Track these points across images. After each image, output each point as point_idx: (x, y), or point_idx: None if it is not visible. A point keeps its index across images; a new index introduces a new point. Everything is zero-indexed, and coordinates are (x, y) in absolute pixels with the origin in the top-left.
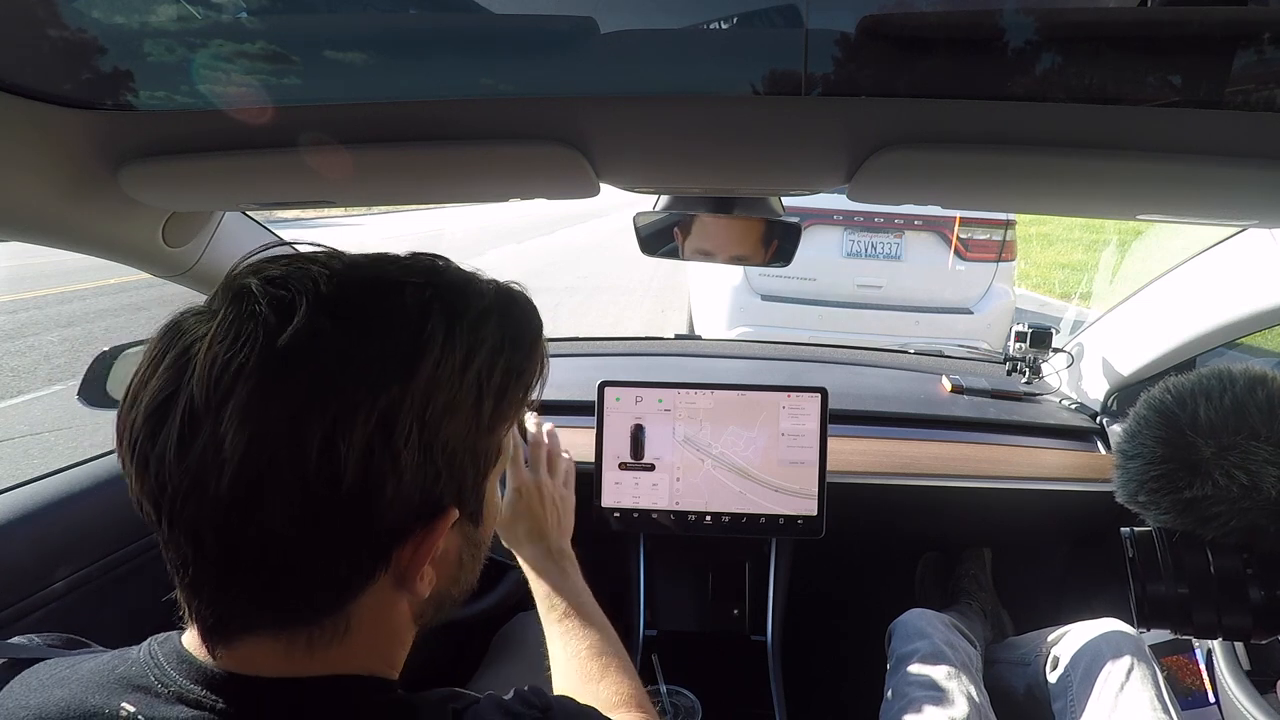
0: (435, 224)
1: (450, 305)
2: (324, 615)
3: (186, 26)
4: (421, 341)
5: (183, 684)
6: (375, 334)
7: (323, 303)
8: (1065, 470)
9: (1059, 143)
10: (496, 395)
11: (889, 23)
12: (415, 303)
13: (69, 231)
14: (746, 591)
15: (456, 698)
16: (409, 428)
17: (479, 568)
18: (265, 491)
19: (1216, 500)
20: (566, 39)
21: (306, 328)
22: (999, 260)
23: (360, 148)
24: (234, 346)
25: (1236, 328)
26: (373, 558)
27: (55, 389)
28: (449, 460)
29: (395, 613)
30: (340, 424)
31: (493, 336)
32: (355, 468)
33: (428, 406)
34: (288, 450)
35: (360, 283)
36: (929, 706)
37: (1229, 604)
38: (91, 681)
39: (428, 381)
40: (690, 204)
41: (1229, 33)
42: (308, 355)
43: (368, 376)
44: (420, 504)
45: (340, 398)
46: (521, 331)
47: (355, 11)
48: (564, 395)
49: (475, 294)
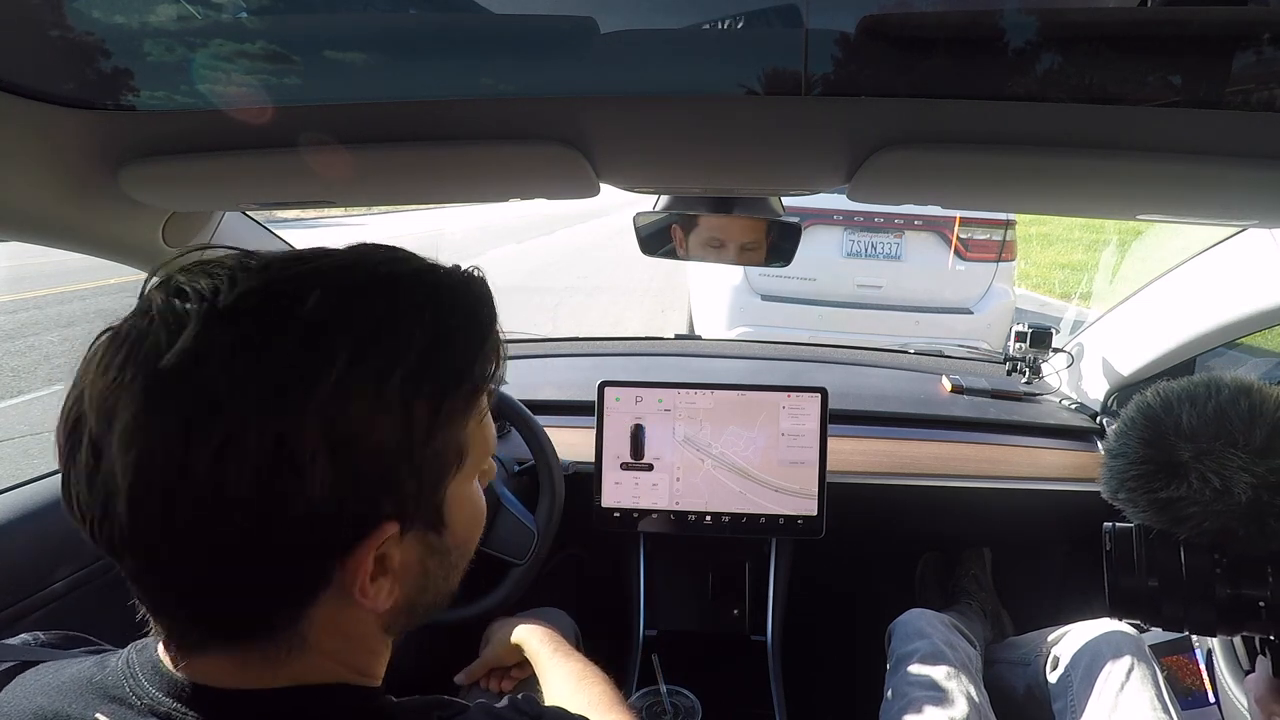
0: (435, 224)
1: (365, 310)
2: (274, 631)
3: (187, 26)
4: (321, 356)
5: (155, 696)
6: (269, 348)
7: (216, 317)
8: (1065, 470)
9: (1059, 143)
10: (432, 400)
11: (889, 23)
12: (320, 310)
13: (69, 231)
14: (746, 591)
15: (444, 705)
16: (311, 446)
17: (455, 574)
18: (163, 517)
19: (1190, 502)
20: (566, 39)
21: (192, 347)
22: (999, 260)
23: (360, 148)
24: (122, 368)
25: (1236, 328)
26: (305, 575)
27: (55, 389)
28: (377, 474)
29: (356, 624)
30: (229, 447)
31: (423, 338)
32: (252, 490)
33: (334, 422)
34: (176, 476)
35: (263, 290)
36: (929, 706)
37: (1196, 599)
38: (71, 689)
39: (331, 396)
40: (690, 204)
41: (1229, 33)
42: (191, 376)
43: (257, 397)
44: (343, 520)
45: (227, 420)
46: (462, 328)
47: (355, 11)
48: (564, 395)
49: (403, 292)
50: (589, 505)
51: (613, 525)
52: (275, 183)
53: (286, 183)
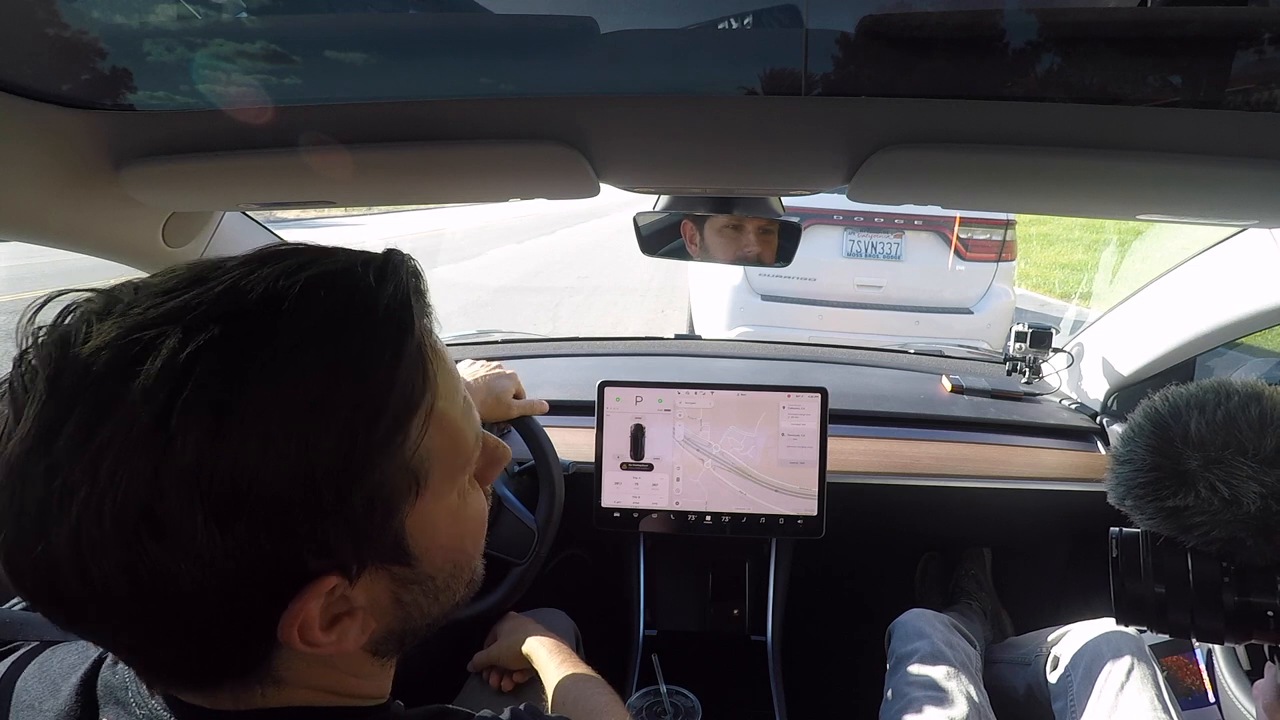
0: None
1: (232, 353)
2: (242, 676)
3: (187, 26)
4: (176, 419)
5: (153, 708)
6: (114, 421)
7: (54, 391)
8: (1065, 470)
9: (1059, 143)
10: (344, 442)
11: (889, 23)
12: (171, 369)
13: (69, 231)
14: (746, 591)
15: (447, 715)
16: (189, 514)
17: (448, 594)
18: (57, 599)
19: (1198, 511)
20: (566, 39)
21: (33, 429)
22: (999, 260)
23: (360, 148)
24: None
25: (1236, 328)
26: (248, 633)
27: None
28: (284, 531)
29: (330, 661)
30: (84, 538)
31: (309, 382)
32: (124, 577)
33: (211, 485)
34: (43, 564)
35: (115, 345)
36: (929, 707)
37: (1202, 607)
38: (87, 682)
39: (198, 461)
40: (690, 204)
41: (1229, 33)
42: (35, 464)
43: (105, 476)
44: (263, 578)
45: (77, 509)
46: (358, 363)
47: (355, 11)
48: (564, 395)
49: (285, 320)
50: (589, 505)
51: (613, 525)
52: (275, 183)
53: (286, 183)
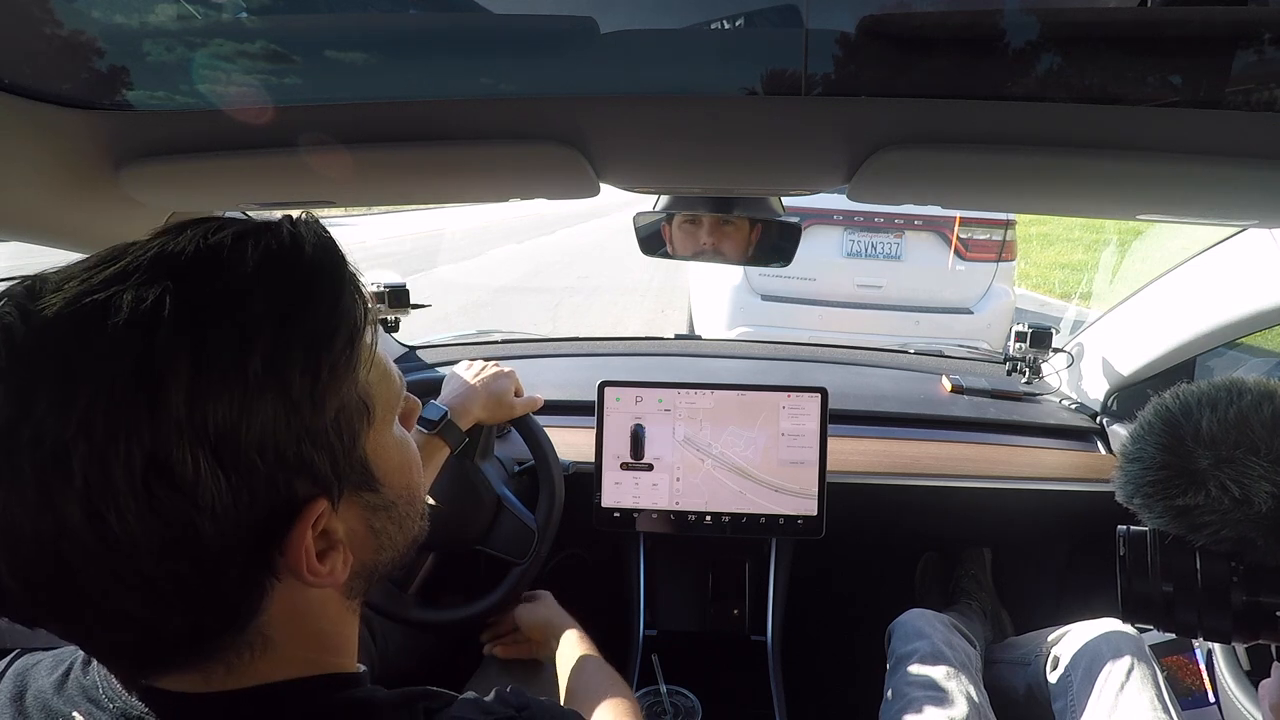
0: (435, 224)
1: (190, 298)
2: (235, 641)
3: (187, 26)
4: (159, 363)
5: (127, 700)
6: (94, 377)
7: (17, 360)
8: (1065, 470)
9: (1059, 143)
10: (308, 372)
11: (889, 23)
12: (136, 318)
13: (69, 231)
14: (746, 591)
15: (429, 696)
16: (191, 457)
17: (410, 524)
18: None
19: (1208, 510)
20: (566, 39)
21: (6, 401)
22: (999, 260)
23: (360, 148)
24: None
25: (1236, 328)
26: (246, 579)
27: None
28: (275, 459)
29: (316, 603)
30: (94, 490)
31: (265, 315)
32: (144, 527)
33: (205, 425)
34: (51, 529)
35: (62, 318)
36: (929, 707)
37: (1211, 606)
38: (60, 682)
39: (189, 399)
40: (690, 204)
41: (1229, 33)
42: (17, 434)
43: (102, 430)
44: (259, 516)
45: (80, 467)
46: (303, 294)
47: (355, 11)
48: (564, 395)
49: (230, 267)
50: (589, 505)
51: (613, 525)
52: (275, 183)
53: (286, 183)
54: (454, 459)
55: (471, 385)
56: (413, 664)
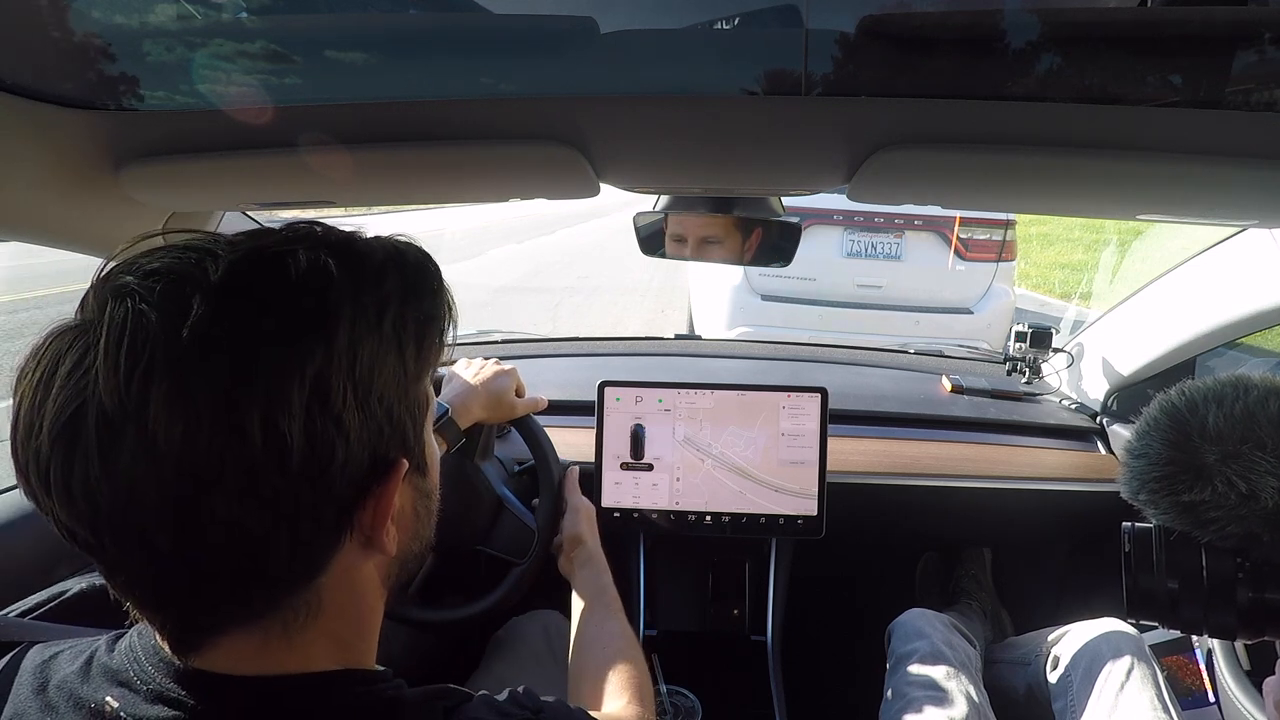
0: (435, 224)
1: (347, 264)
2: (294, 595)
3: (187, 26)
4: (331, 303)
5: (161, 682)
6: (281, 305)
7: (216, 288)
8: (1065, 470)
9: (1059, 143)
10: (416, 342)
11: (889, 23)
12: (312, 267)
13: (69, 231)
14: (746, 591)
15: (448, 695)
16: (343, 389)
17: (434, 520)
18: (212, 482)
19: (1214, 506)
20: (566, 39)
21: (209, 314)
22: (999, 260)
23: (360, 148)
24: (137, 349)
25: (1236, 328)
26: (336, 526)
27: None
28: (388, 413)
29: (363, 579)
30: (275, 401)
31: (396, 288)
32: (300, 441)
33: (355, 365)
34: (226, 437)
35: (247, 259)
36: (929, 707)
37: (1216, 603)
38: (85, 669)
39: (349, 340)
40: (690, 204)
41: (1229, 33)
42: (219, 339)
43: (288, 348)
44: (371, 462)
45: (266, 375)
46: (422, 280)
47: (355, 11)
48: (564, 395)
49: (366, 251)
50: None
51: (613, 525)
52: (275, 183)
53: (286, 183)
54: (454, 459)
55: (472, 384)
56: (413, 663)
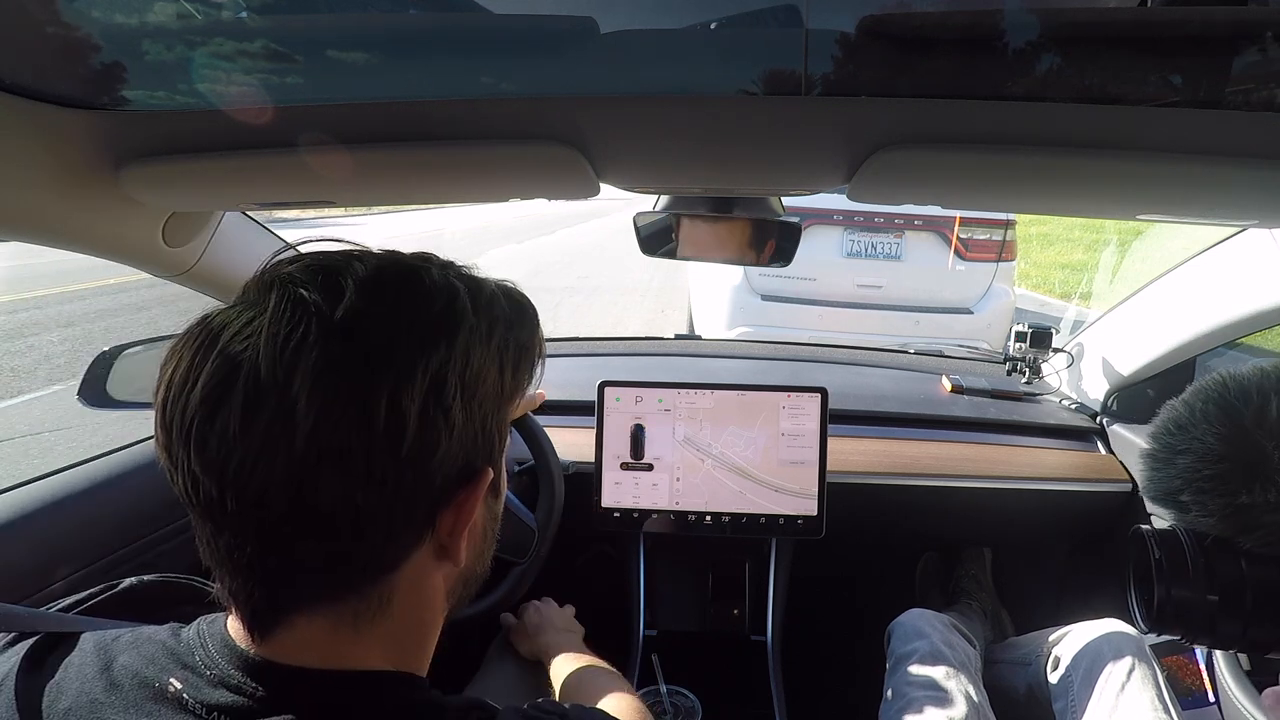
0: (435, 224)
1: (468, 285)
2: (372, 584)
3: (186, 26)
4: (456, 310)
5: (225, 668)
6: (416, 305)
7: (365, 282)
8: (1065, 470)
9: (1059, 143)
10: (514, 365)
11: (889, 23)
12: (442, 280)
13: (69, 231)
14: (746, 591)
15: (482, 707)
16: (454, 386)
17: (494, 548)
18: (335, 454)
19: (1271, 509)
20: (566, 39)
21: (356, 303)
22: (999, 260)
23: (360, 148)
24: (294, 323)
25: (1236, 328)
26: (423, 522)
27: (55, 389)
28: (483, 422)
29: (431, 586)
30: (401, 386)
31: (504, 314)
32: (415, 426)
33: (467, 368)
34: (357, 413)
35: (390, 265)
36: (929, 707)
37: (1260, 616)
38: (148, 652)
39: (465, 345)
40: (690, 204)
41: (1229, 33)
42: (364, 326)
43: (418, 341)
44: (463, 464)
45: (398, 361)
46: (524, 313)
47: (355, 11)
48: (564, 395)
49: (481, 280)
50: (589, 505)
51: (613, 525)
52: (275, 183)
53: (286, 183)
54: None
55: None
56: None
